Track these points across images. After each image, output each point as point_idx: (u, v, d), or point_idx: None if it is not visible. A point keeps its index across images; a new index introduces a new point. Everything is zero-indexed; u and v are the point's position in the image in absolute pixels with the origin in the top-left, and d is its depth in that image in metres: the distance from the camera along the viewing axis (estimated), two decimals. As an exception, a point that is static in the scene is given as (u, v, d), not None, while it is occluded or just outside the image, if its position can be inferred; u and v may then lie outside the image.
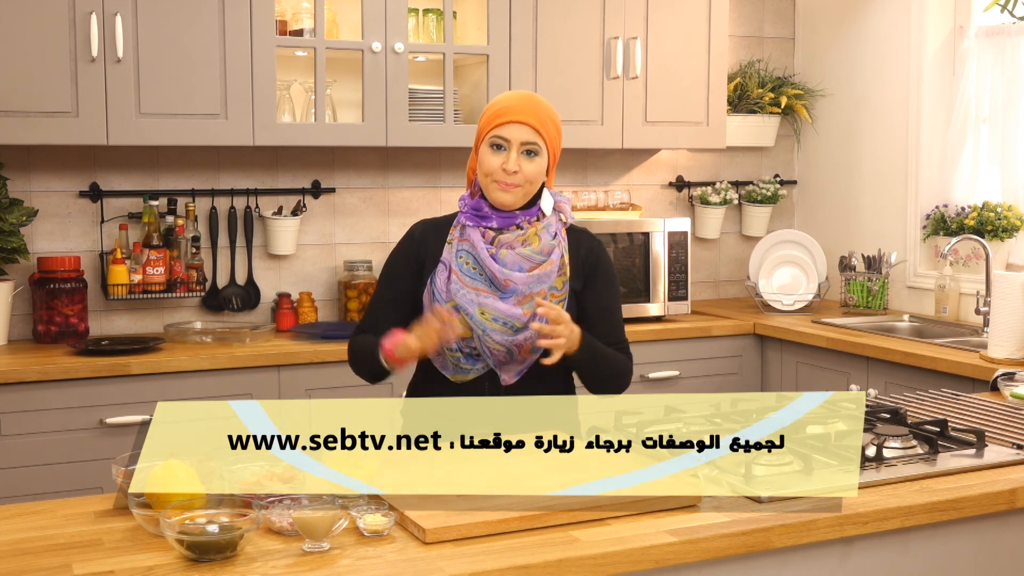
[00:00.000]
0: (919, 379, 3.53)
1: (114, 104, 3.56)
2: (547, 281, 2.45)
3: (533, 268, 2.44)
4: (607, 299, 2.57)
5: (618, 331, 2.59)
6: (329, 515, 1.74)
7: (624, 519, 1.87)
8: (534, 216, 2.47)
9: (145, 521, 1.81)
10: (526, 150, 2.41)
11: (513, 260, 2.44)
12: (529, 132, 2.41)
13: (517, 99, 2.46)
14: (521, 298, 2.43)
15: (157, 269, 3.83)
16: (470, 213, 2.48)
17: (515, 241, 2.45)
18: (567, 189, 4.47)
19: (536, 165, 2.42)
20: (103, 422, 3.40)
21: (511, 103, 2.44)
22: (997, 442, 2.34)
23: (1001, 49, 4.17)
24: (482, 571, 1.66)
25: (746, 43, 4.94)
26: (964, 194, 4.31)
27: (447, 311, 2.38)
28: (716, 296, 4.96)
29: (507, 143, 2.41)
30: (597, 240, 2.61)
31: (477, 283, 2.44)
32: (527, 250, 2.45)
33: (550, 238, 2.48)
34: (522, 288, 2.43)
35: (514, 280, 2.42)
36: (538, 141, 2.42)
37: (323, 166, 4.20)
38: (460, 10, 4.18)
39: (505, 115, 2.42)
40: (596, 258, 2.56)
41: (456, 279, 2.45)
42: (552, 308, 2.36)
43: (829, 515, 1.90)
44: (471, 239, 2.46)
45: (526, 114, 2.42)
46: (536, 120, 2.42)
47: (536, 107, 2.45)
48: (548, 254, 2.46)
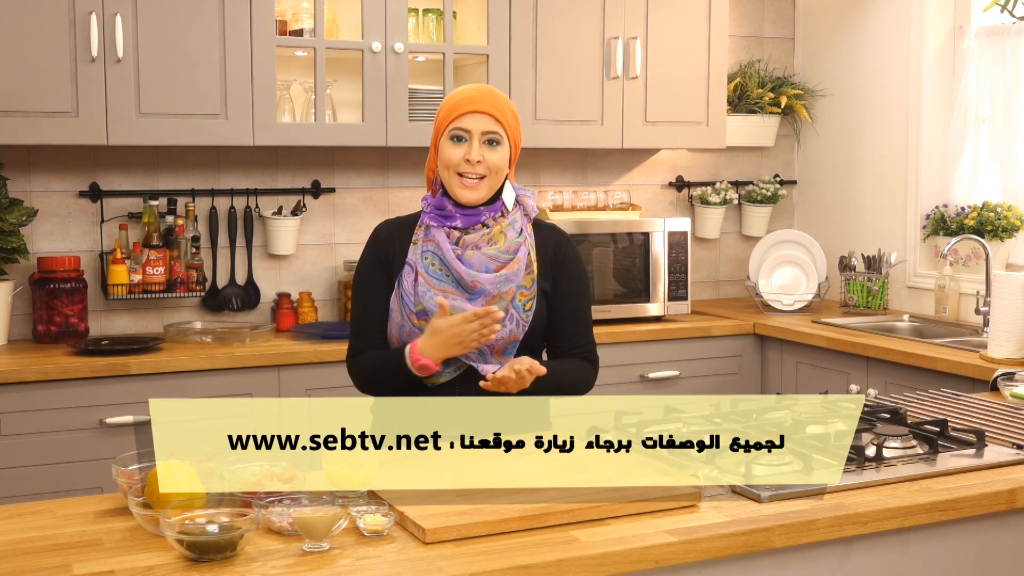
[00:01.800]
0: (919, 379, 3.53)
1: (114, 104, 3.56)
2: (515, 280, 2.42)
3: (500, 268, 2.42)
4: (576, 299, 2.53)
5: (586, 333, 2.56)
6: (329, 515, 1.73)
7: (624, 519, 1.86)
8: (498, 212, 2.44)
9: (145, 521, 1.81)
10: (487, 140, 2.40)
11: (479, 261, 2.41)
12: (489, 121, 2.39)
13: (475, 91, 2.44)
14: (489, 298, 2.40)
15: (157, 269, 3.83)
16: (433, 213, 2.45)
17: (480, 241, 2.42)
18: (567, 189, 4.47)
19: (499, 155, 2.40)
20: (103, 422, 3.40)
21: (469, 94, 2.42)
22: (997, 442, 2.34)
23: (1001, 49, 4.17)
24: (482, 571, 1.66)
25: (746, 43, 4.94)
26: (964, 194, 4.31)
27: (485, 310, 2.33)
28: (716, 296, 4.96)
29: (468, 134, 2.39)
30: (565, 236, 2.57)
31: (444, 285, 2.42)
32: (493, 249, 2.42)
33: (515, 235, 2.45)
34: (490, 289, 2.40)
35: (481, 281, 2.40)
36: (499, 130, 2.40)
37: (323, 166, 4.20)
38: (460, 10, 4.18)
39: (464, 106, 2.40)
40: (564, 256, 2.52)
41: (423, 281, 2.42)
42: (499, 381, 2.33)
43: (829, 515, 1.90)
44: (436, 239, 2.43)
45: (484, 104, 2.40)
46: (495, 109, 2.40)
47: (494, 97, 2.43)
48: (514, 252, 2.43)
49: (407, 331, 2.45)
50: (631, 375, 4.10)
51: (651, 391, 4.12)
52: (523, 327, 2.45)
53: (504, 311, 2.40)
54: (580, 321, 2.55)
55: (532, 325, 2.46)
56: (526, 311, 2.44)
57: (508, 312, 2.42)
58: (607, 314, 4.19)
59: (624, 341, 4.08)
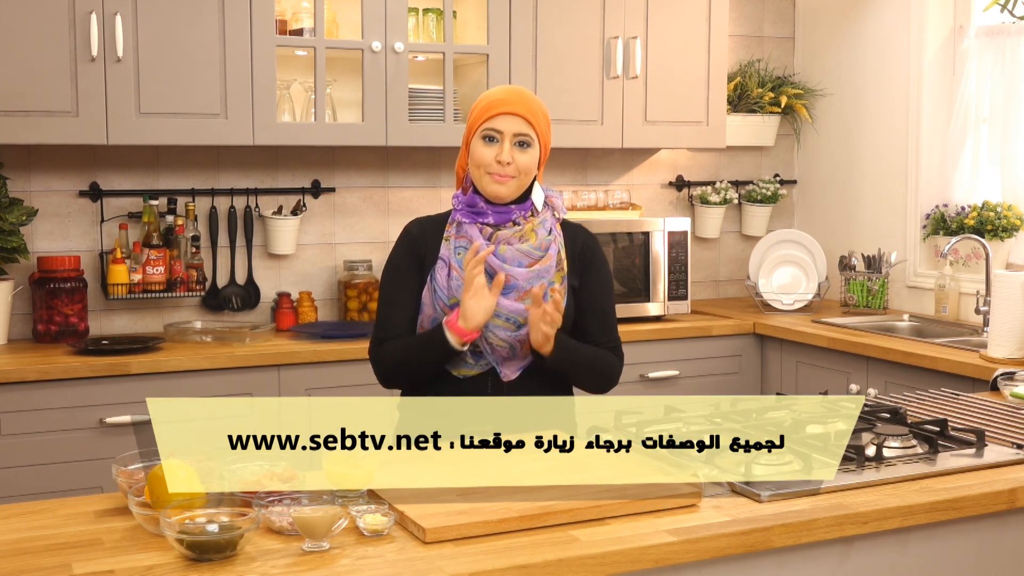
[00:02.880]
0: (919, 379, 3.53)
1: (114, 104, 3.56)
2: (546, 276, 2.45)
3: (533, 264, 2.45)
4: (602, 297, 2.57)
5: (611, 331, 2.59)
6: (329, 515, 1.73)
7: (624, 519, 1.86)
8: (528, 211, 2.48)
9: (145, 521, 1.81)
10: (519, 141, 2.42)
11: (513, 256, 2.44)
12: (521, 123, 2.42)
13: (508, 92, 2.47)
14: (522, 293, 2.43)
15: (157, 269, 3.83)
16: (465, 210, 2.48)
17: (512, 237, 2.45)
18: (567, 189, 4.47)
19: (529, 156, 2.43)
20: (103, 422, 3.40)
21: (502, 96, 2.45)
22: (997, 442, 2.34)
23: (1001, 49, 4.17)
24: (482, 571, 1.66)
25: (746, 43, 4.94)
26: (964, 194, 4.31)
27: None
28: (716, 296, 4.96)
29: (499, 135, 2.42)
30: (592, 235, 2.61)
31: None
32: (526, 245, 2.45)
33: (546, 233, 2.48)
34: (523, 284, 2.43)
35: (515, 275, 2.42)
36: (530, 132, 2.43)
37: (323, 166, 4.20)
38: (460, 10, 4.18)
39: (497, 107, 2.42)
40: (592, 253, 2.57)
41: (457, 276, 2.45)
42: (559, 302, 2.36)
43: (829, 515, 1.90)
44: (469, 235, 2.46)
45: (517, 106, 2.43)
46: (528, 112, 2.43)
47: (527, 100, 2.46)
48: (546, 250, 2.47)
49: (435, 319, 2.48)
50: (631, 375, 4.09)
51: (651, 391, 4.12)
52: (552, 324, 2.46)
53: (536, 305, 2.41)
54: (606, 319, 2.58)
55: (565, 317, 2.47)
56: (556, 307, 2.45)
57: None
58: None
59: (624, 341, 4.00)
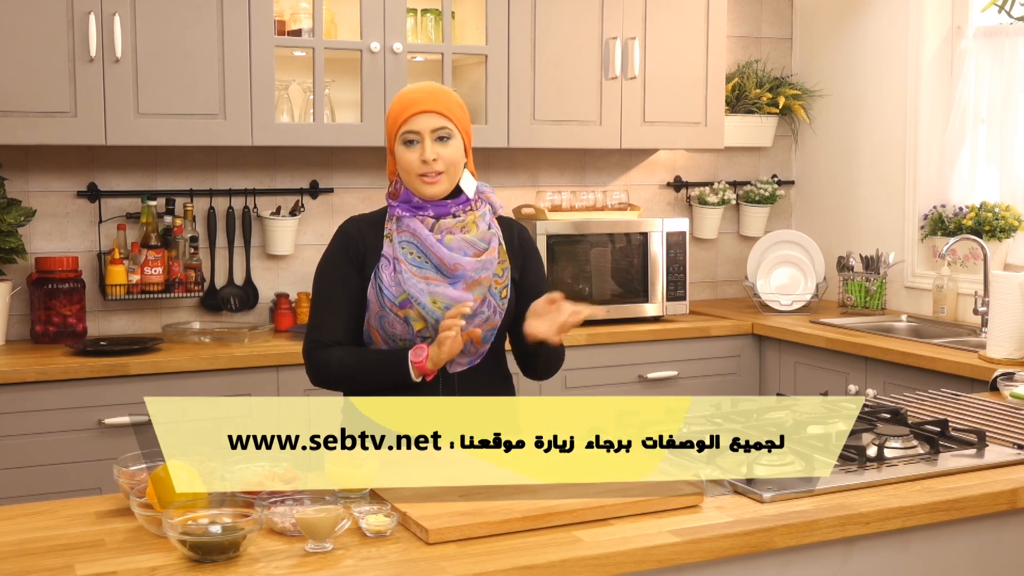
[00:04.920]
0: (918, 379, 3.54)
1: (112, 104, 3.55)
2: (491, 267, 2.47)
3: (479, 254, 2.46)
4: (542, 287, 2.59)
5: None
6: (332, 515, 1.73)
7: (627, 519, 1.87)
8: (466, 205, 2.48)
9: (147, 522, 1.80)
10: (438, 136, 2.41)
11: (459, 244, 2.45)
12: (436, 119, 2.41)
13: (418, 91, 2.46)
14: (469, 283, 2.44)
15: (155, 269, 3.83)
16: (404, 205, 2.47)
17: (455, 227, 2.46)
18: (566, 189, 4.47)
19: (452, 149, 2.43)
20: (101, 423, 3.40)
21: (413, 96, 2.44)
22: (998, 442, 2.34)
23: (999, 49, 4.18)
24: (485, 572, 1.66)
25: (744, 43, 4.94)
26: (962, 194, 4.32)
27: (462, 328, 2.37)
28: (714, 296, 4.96)
29: (418, 135, 2.41)
30: (524, 228, 2.64)
31: (425, 271, 2.43)
32: (470, 236, 2.47)
33: (486, 227, 2.50)
34: (471, 273, 2.44)
35: (463, 264, 2.43)
36: (447, 125, 2.42)
37: (321, 166, 4.20)
38: (458, 10, 4.18)
39: (410, 108, 2.42)
40: (528, 246, 2.61)
41: (406, 270, 2.43)
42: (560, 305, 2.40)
43: (831, 515, 1.90)
44: (411, 228, 2.45)
45: (429, 103, 2.42)
46: (441, 106, 2.42)
47: (437, 94, 2.44)
48: (488, 242, 2.49)
49: (389, 321, 2.45)
50: (630, 375, 4.10)
51: (650, 391, 4.12)
52: (500, 314, 2.48)
53: (482, 297, 2.44)
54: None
55: (508, 304, 2.50)
56: (502, 299, 2.48)
57: (486, 299, 2.45)
58: (605, 314, 4.19)
59: (622, 341, 4.08)
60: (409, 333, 2.44)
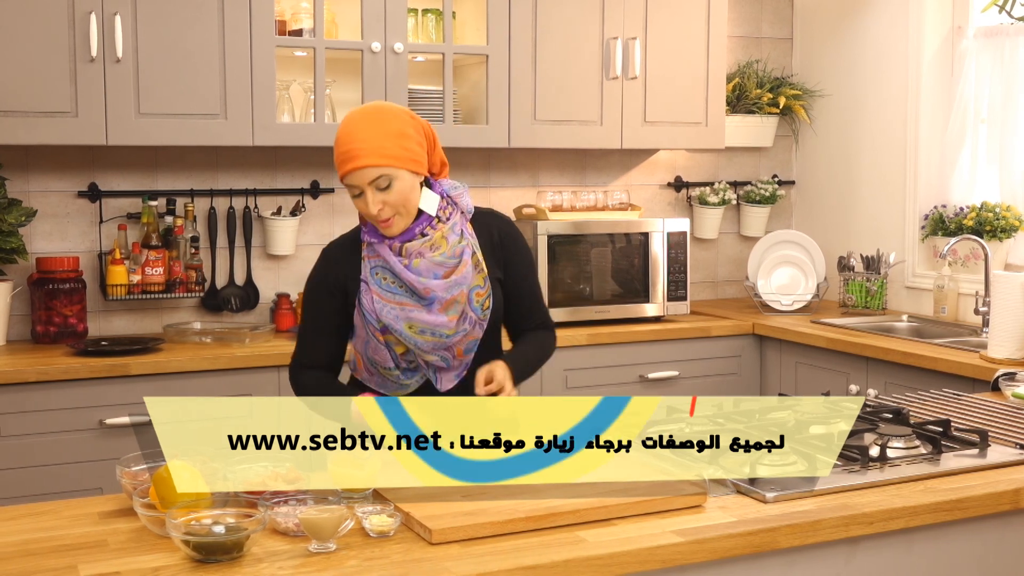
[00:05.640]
0: (919, 379, 3.54)
1: (113, 104, 3.55)
2: (464, 283, 2.43)
3: (448, 273, 2.42)
4: (527, 278, 2.57)
5: (541, 309, 2.63)
6: (335, 516, 1.73)
7: (630, 519, 1.87)
8: (431, 222, 2.42)
9: (150, 522, 1.80)
10: (377, 186, 2.33)
11: (427, 267, 2.42)
12: (371, 171, 2.32)
13: (349, 138, 2.34)
14: (443, 304, 2.42)
15: (156, 269, 3.83)
16: (371, 231, 2.45)
17: (423, 248, 2.42)
18: (566, 189, 4.47)
19: (396, 191, 2.34)
20: (103, 423, 3.39)
21: (345, 146, 2.34)
22: (1000, 442, 2.34)
23: (999, 49, 4.18)
24: (489, 572, 1.66)
25: (744, 43, 4.94)
26: (963, 194, 4.32)
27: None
28: (715, 296, 4.96)
29: (359, 188, 2.35)
30: (506, 220, 2.58)
31: (399, 297, 2.43)
32: (438, 255, 2.42)
33: (456, 239, 2.44)
34: (442, 295, 2.42)
35: (433, 288, 2.41)
36: (384, 172, 2.32)
37: (322, 166, 4.20)
38: (459, 10, 4.18)
39: (343, 165, 2.34)
40: (511, 240, 2.55)
41: (378, 299, 2.43)
42: (491, 387, 2.39)
43: (835, 515, 1.90)
44: (381, 254, 2.44)
45: (360, 157, 2.31)
46: (372, 157, 2.31)
47: (369, 137, 2.32)
48: (459, 256, 2.44)
49: (372, 347, 2.48)
50: (630, 375, 4.10)
51: (651, 391, 4.12)
52: (481, 326, 2.48)
53: (459, 314, 2.43)
54: (535, 300, 2.61)
55: (496, 311, 2.50)
56: (484, 310, 2.47)
57: (465, 314, 2.44)
58: (606, 314, 4.19)
59: (623, 341, 4.08)
60: (390, 362, 2.47)
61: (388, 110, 2.37)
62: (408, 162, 2.34)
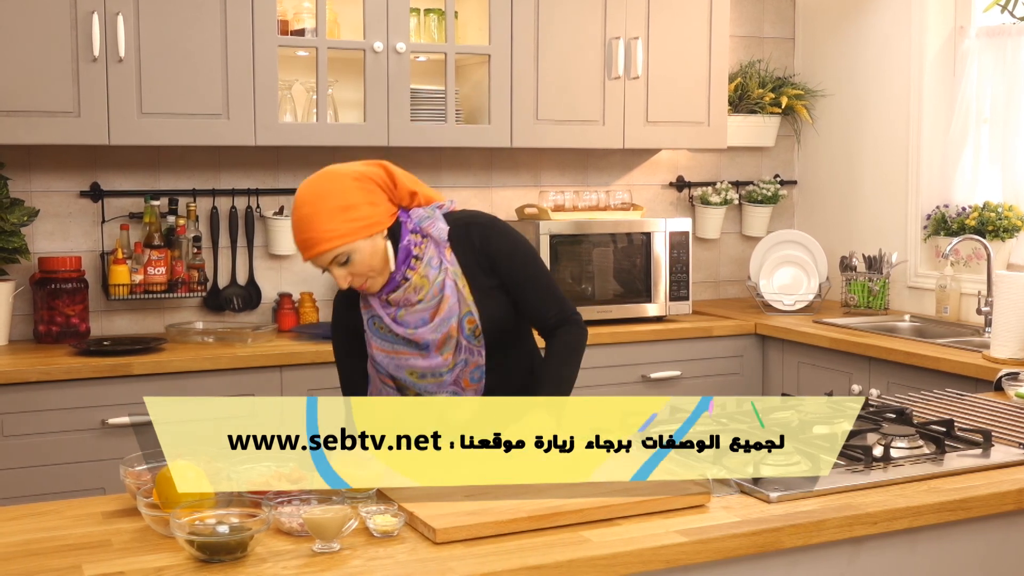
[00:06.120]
0: (921, 379, 3.53)
1: (116, 104, 3.55)
2: (453, 316, 2.42)
3: (434, 314, 2.43)
4: (532, 277, 2.51)
5: (558, 301, 2.55)
6: (339, 516, 1.73)
7: (634, 519, 1.86)
8: (407, 265, 2.41)
9: (154, 522, 1.80)
10: (338, 263, 2.34)
11: (414, 318, 2.43)
12: (326, 255, 2.33)
13: (299, 227, 2.34)
14: (437, 344, 2.44)
15: (158, 269, 3.83)
16: None
17: (408, 294, 2.42)
18: (568, 189, 4.46)
19: (357, 262, 2.34)
20: (105, 423, 3.39)
21: (299, 236, 2.34)
22: (1004, 442, 2.34)
23: (1002, 49, 4.18)
24: (493, 571, 1.65)
25: (746, 43, 4.94)
26: (965, 194, 4.31)
27: None
28: (717, 296, 4.96)
29: (324, 268, 2.37)
30: (484, 223, 2.50)
31: (396, 346, 2.47)
32: (422, 297, 2.42)
33: (436, 272, 2.42)
34: (433, 337, 2.43)
35: (422, 336, 2.43)
36: (340, 251, 2.32)
37: (324, 166, 4.18)
38: (462, 10, 4.18)
39: (302, 253, 2.36)
40: (496, 242, 2.48)
41: (378, 352, 2.48)
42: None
43: (838, 515, 1.90)
44: (372, 306, 2.47)
45: (313, 245, 2.32)
46: (322, 241, 2.31)
47: (313, 222, 2.31)
48: (441, 290, 2.42)
49: (377, 389, 2.55)
50: (632, 375, 4.09)
51: (653, 391, 4.12)
52: (479, 352, 2.47)
53: (454, 348, 2.44)
54: (548, 294, 2.54)
55: (502, 320, 2.48)
56: (477, 337, 2.46)
57: (459, 345, 2.44)
58: (608, 314, 4.19)
59: (625, 341, 4.08)
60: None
61: (330, 184, 2.35)
62: (359, 232, 2.33)
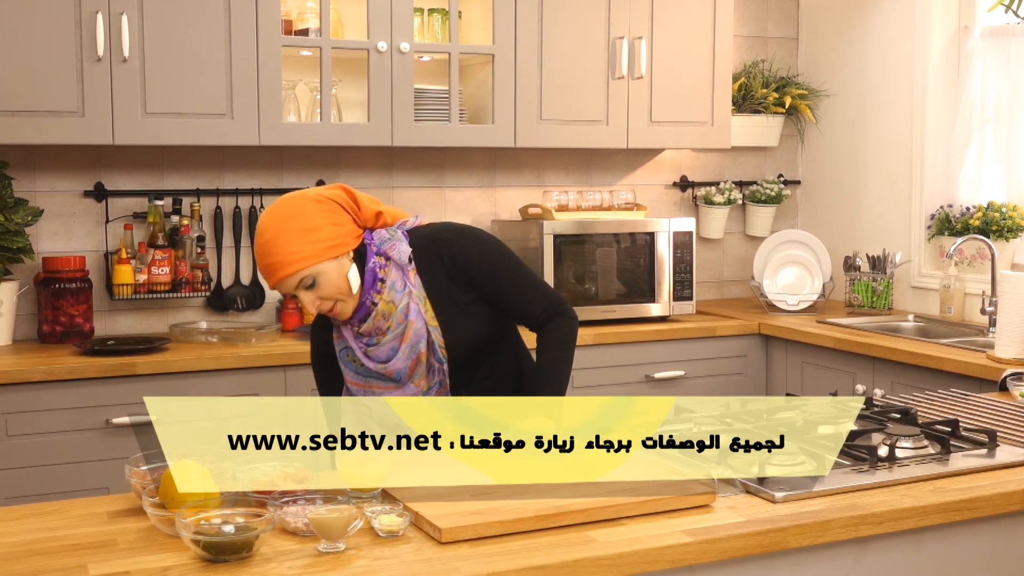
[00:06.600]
0: (925, 379, 3.53)
1: (120, 104, 3.55)
2: (420, 339, 2.38)
3: (402, 339, 2.39)
4: (511, 278, 2.44)
5: (543, 297, 2.47)
6: (344, 515, 1.73)
7: (639, 519, 1.86)
8: (373, 291, 2.38)
9: (160, 522, 1.80)
10: (304, 287, 2.31)
11: (384, 352, 2.41)
12: (291, 279, 2.29)
13: (262, 253, 2.30)
14: (409, 371, 2.41)
15: (162, 269, 3.83)
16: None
17: (377, 322, 2.39)
18: (572, 189, 4.46)
19: (323, 284, 2.31)
20: (109, 422, 3.39)
21: (262, 262, 2.31)
22: (1009, 442, 2.34)
23: (1006, 49, 4.17)
24: (498, 571, 1.65)
25: (750, 43, 4.94)
26: (969, 194, 4.31)
27: None
28: (720, 296, 4.96)
29: (291, 294, 2.34)
30: (447, 236, 2.44)
31: (371, 381, 2.45)
32: (391, 324, 2.39)
33: (400, 295, 2.38)
34: (404, 366, 2.40)
35: (394, 367, 2.40)
36: (305, 274, 2.29)
37: (328, 166, 4.20)
38: (465, 10, 4.18)
39: (267, 279, 2.33)
40: (463, 256, 2.42)
41: (351, 383, 2.47)
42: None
43: (844, 515, 1.89)
44: (345, 336, 2.45)
45: (276, 270, 2.29)
46: (286, 265, 2.27)
47: (276, 247, 2.28)
48: (406, 315, 2.38)
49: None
50: (636, 375, 4.09)
51: (656, 391, 4.12)
52: (444, 372, 2.43)
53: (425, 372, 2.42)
54: (525, 287, 2.46)
55: (489, 331, 2.45)
56: (444, 356, 2.42)
57: (431, 366, 2.42)
58: (612, 314, 4.19)
59: (629, 341, 4.08)
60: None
61: (291, 208, 2.31)
62: (323, 253, 2.29)
